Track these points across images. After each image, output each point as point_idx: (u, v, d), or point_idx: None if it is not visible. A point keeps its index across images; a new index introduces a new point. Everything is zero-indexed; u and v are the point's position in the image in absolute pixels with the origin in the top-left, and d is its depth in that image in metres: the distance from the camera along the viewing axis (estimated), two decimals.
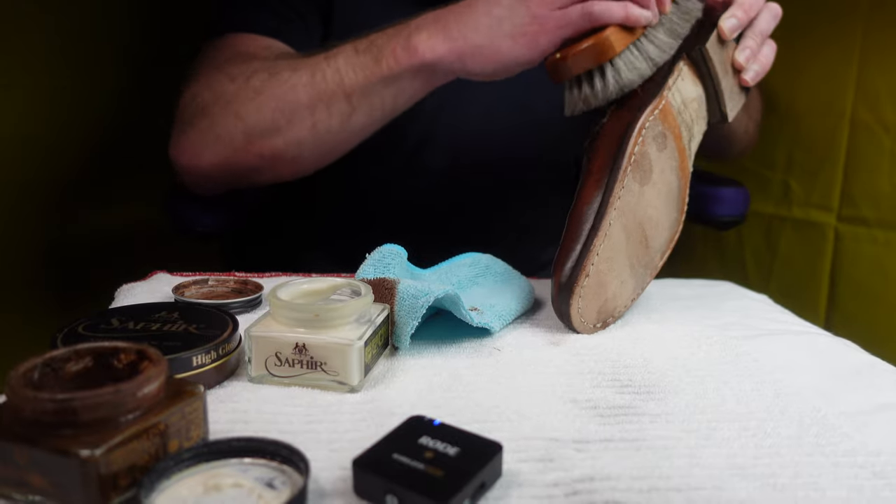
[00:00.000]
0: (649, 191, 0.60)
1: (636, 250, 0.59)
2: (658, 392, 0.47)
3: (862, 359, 0.55)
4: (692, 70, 0.65)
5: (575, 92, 0.64)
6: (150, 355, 0.36)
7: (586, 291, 0.56)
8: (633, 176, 0.58)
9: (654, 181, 0.60)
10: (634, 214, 0.59)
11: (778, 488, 0.36)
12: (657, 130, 0.60)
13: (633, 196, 0.58)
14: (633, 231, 0.59)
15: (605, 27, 0.60)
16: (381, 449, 0.35)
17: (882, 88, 0.87)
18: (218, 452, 0.35)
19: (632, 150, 0.58)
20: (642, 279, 0.61)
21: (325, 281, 0.50)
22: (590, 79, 0.62)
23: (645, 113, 0.59)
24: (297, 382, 0.45)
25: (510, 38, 0.61)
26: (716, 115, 0.67)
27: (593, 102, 0.63)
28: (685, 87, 0.64)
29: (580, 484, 0.36)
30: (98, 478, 0.30)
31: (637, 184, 0.58)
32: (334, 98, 0.66)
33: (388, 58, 0.64)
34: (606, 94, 0.62)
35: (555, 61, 0.62)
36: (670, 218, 0.62)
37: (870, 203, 0.89)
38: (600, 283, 0.57)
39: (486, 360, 0.51)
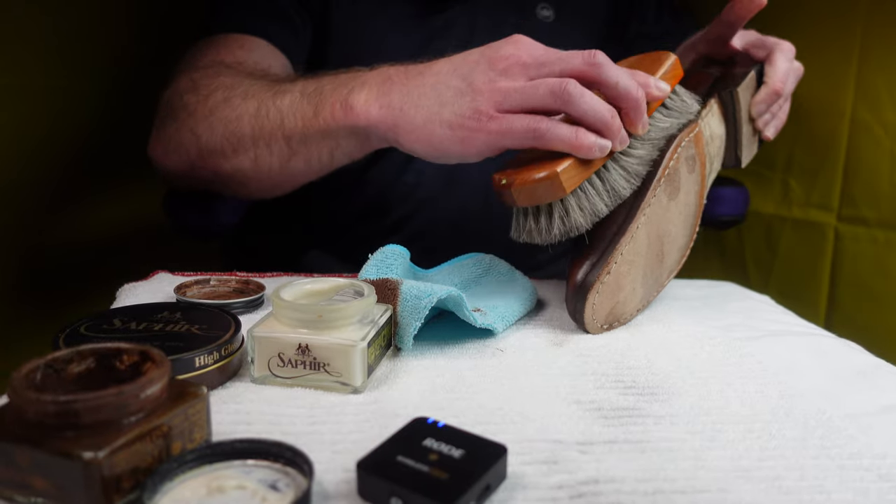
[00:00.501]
0: (674, 207, 0.60)
1: (652, 262, 0.60)
2: (662, 393, 0.47)
3: (866, 360, 0.55)
4: (720, 109, 0.65)
5: (521, 220, 0.57)
6: (153, 356, 0.36)
7: (604, 288, 0.55)
8: (664, 189, 0.58)
9: (679, 199, 0.60)
10: (658, 225, 0.59)
11: (783, 491, 0.36)
12: (690, 152, 0.60)
13: (661, 208, 0.58)
14: (654, 241, 0.59)
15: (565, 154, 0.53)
16: (385, 451, 0.35)
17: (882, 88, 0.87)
18: (221, 454, 0.34)
19: (668, 163, 0.58)
20: (650, 292, 0.61)
21: (328, 281, 0.50)
22: (536, 213, 0.56)
23: (683, 132, 0.59)
24: (300, 383, 0.44)
25: (447, 127, 0.55)
26: (731, 158, 0.68)
27: (536, 240, 0.56)
28: (713, 122, 0.65)
29: (585, 486, 0.36)
30: (101, 480, 0.30)
31: (666, 197, 0.58)
32: (273, 139, 0.64)
33: (326, 112, 0.61)
34: (550, 235, 0.55)
35: (499, 187, 0.55)
36: (684, 238, 0.63)
37: (870, 203, 0.89)
38: (618, 284, 0.57)
39: (490, 362, 0.51)
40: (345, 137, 0.62)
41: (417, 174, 0.83)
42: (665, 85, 0.56)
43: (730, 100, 0.65)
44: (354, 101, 0.59)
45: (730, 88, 0.64)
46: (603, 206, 0.56)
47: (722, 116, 0.66)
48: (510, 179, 0.54)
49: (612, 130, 0.53)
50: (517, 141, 0.54)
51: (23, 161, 0.82)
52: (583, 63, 0.53)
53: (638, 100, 0.54)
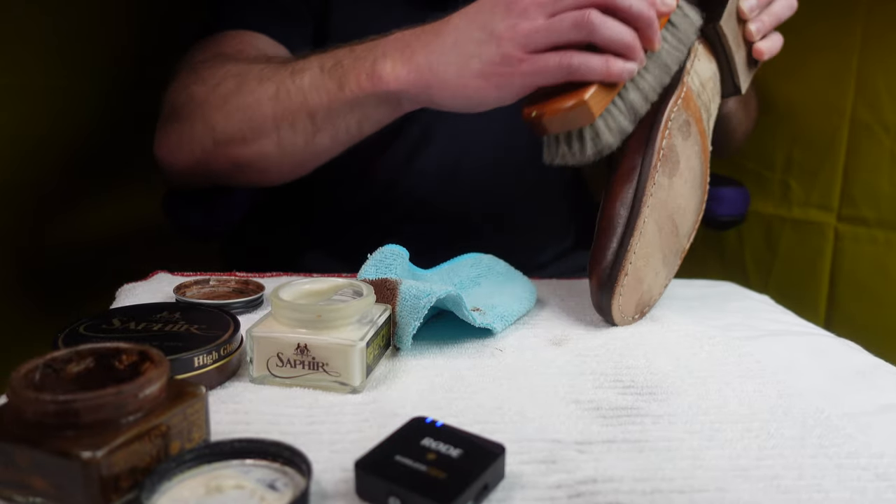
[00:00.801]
0: (677, 181, 0.60)
1: (668, 241, 0.60)
2: (660, 393, 0.47)
3: (864, 360, 0.55)
4: (706, 47, 0.64)
5: (553, 147, 0.60)
6: (152, 356, 0.36)
7: (626, 289, 0.57)
8: (663, 170, 0.59)
9: (681, 171, 0.60)
10: (666, 208, 0.59)
11: (782, 490, 0.36)
12: (681, 120, 0.60)
13: (664, 191, 0.59)
14: (665, 224, 0.60)
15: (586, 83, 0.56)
16: (384, 450, 0.35)
17: (882, 88, 0.87)
18: (220, 454, 0.34)
19: (660, 145, 0.58)
20: (673, 265, 0.62)
21: (327, 281, 0.50)
22: (567, 138, 0.58)
23: (669, 105, 0.59)
24: (299, 383, 0.44)
25: (480, 78, 0.57)
26: (729, 88, 0.67)
27: (570, 162, 0.59)
28: (701, 67, 0.64)
29: (583, 486, 0.36)
30: (100, 479, 0.30)
31: (666, 178, 0.59)
32: (297, 117, 0.64)
33: (352, 83, 0.61)
34: (584, 156, 0.58)
35: (530, 119, 0.58)
36: (695, 202, 0.63)
37: (870, 203, 0.89)
38: (638, 279, 0.58)
39: (489, 361, 0.51)
40: (374, 106, 0.63)
41: (418, 175, 0.83)
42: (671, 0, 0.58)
43: (715, 35, 0.63)
44: (381, 70, 0.60)
45: (713, 23, 0.63)
46: (627, 124, 0.59)
47: (710, 54, 0.65)
48: (541, 111, 0.57)
49: (635, 52, 0.55)
50: (550, 78, 0.56)
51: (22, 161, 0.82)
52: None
53: (651, 18, 0.55)
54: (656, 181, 0.58)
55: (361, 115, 0.64)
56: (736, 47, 0.65)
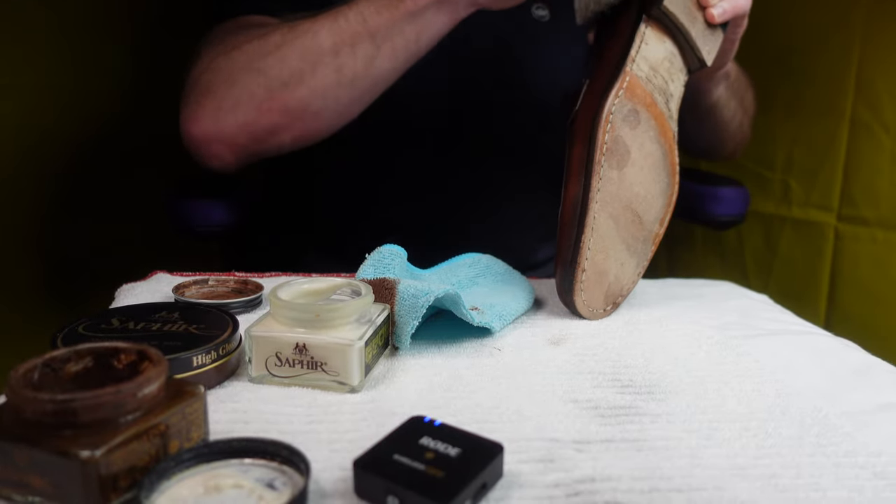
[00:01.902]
0: (630, 171, 0.60)
1: (629, 230, 0.61)
2: (659, 392, 0.47)
3: (862, 359, 0.55)
4: (656, 28, 0.63)
5: None
6: (151, 356, 0.36)
7: (587, 284, 0.58)
8: (609, 164, 0.59)
9: (633, 160, 0.60)
10: (619, 200, 0.60)
11: (779, 489, 0.36)
12: (626, 110, 0.60)
13: (614, 183, 0.59)
14: (621, 215, 0.60)
15: None
16: (382, 449, 0.35)
17: (882, 88, 0.87)
18: (218, 453, 0.34)
19: (601, 140, 0.58)
20: (643, 253, 0.62)
21: (326, 281, 0.50)
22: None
23: (609, 98, 0.59)
24: (298, 382, 0.45)
25: None
26: (693, 62, 0.65)
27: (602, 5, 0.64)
28: (651, 50, 0.63)
29: (581, 485, 0.36)
30: (98, 479, 0.30)
31: (615, 170, 0.59)
32: (358, 39, 0.66)
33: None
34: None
35: None
36: (661, 186, 0.62)
37: (870, 203, 0.89)
38: (599, 272, 0.59)
39: (487, 361, 0.51)
40: (433, 14, 0.66)
41: (421, 177, 0.83)
42: None
43: (662, 15, 0.63)
44: None
45: (656, 5, 0.62)
46: None
47: (663, 33, 0.64)
48: None
49: None
50: None
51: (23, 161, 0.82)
52: None
53: None
54: (602, 175, 0.58)
55: (421, 27, 0.67)
56: (690, 21, 0.63)
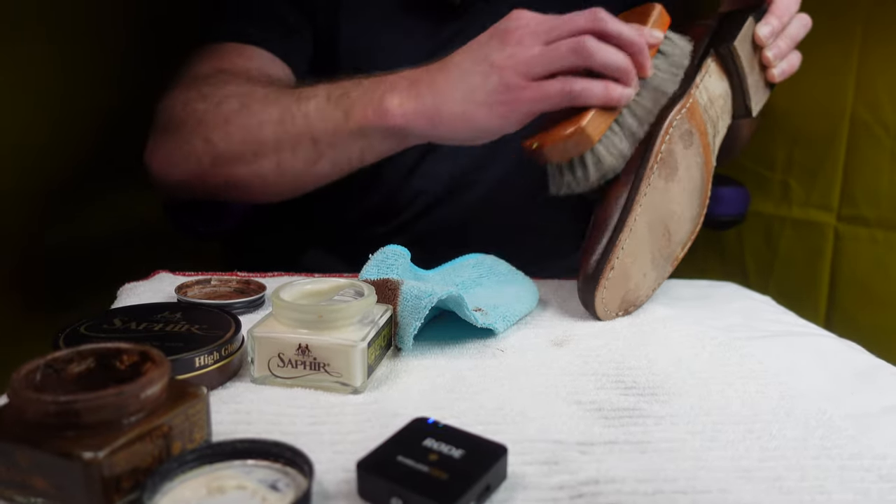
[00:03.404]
0: (674, 187, 0.61)
1: (659, 244, 0.61)
2: (662, 394, 0.46)
3: (866, 361, 0.55)
4: (719, 66, 0.65)
5: (557, 177, 0.61)
6: (153, 356, 0.36)
7: (611, 283, 0.59)
8: (660, 173, 0.60)
9: (679, 178, 0.61)
10: (659, 210, 0.61)
11: (784, 491, 0.36)
12: (684, 128, 0.61)
13: (659, 193, 0.60)
14: (657, 226, 0.61)
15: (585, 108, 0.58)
16: (386, 451, 0.35)
17: (882, 88, 0.87)
18: (221, 454, 0.34)
19: (659, 147, 0.60)
20: (663, 270, 0.63)
21: (328, 281, 0.50)
22: (570, 167, 0.60)
23: (673, 112, 0.61)
24: (300, 384, 0.44)
25: (484, 107, 0.59)
26: (740, 110, 0.68)
27: (576, 189, 0.61)
28: (712, 83, 0.65)
29: (585, 487, 0.36)
30: (101, 480, 0.30)
31: (663, 181, 0.60)
32: (300, 142, 0.65)
33: (358, 115, 0.62)
34: (588, 182, 0.60)
35: (531, 150, 0.60)
36: (692, 212, 0.64)
37: (870, 203, 0.89)
38: (624, 275, 0.59)
39: (490, 362, 0.51)
40: (379, 139, 0.64)
41: (424, 179, 0.83)
42: (657, 32, 0.60)
43: (728, 55, 0.64)
44: (389, 105, 0.61)
45: (727, 43, 0.64)
46: (627, 147, 0.60)
47: (723, 72, 0.66)
48: (541, 141, 0.59)
49: (630, 76, 0.58)
50: (553, 104, 0.57)
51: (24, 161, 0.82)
52: (587, 21, 0.57)
53: (641, 44, 0.58)
54: (651, 182, 0.59)
55: (365, 146, 0.65)
56: (749, 69, 0.66)
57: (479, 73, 0.58)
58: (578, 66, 0.57)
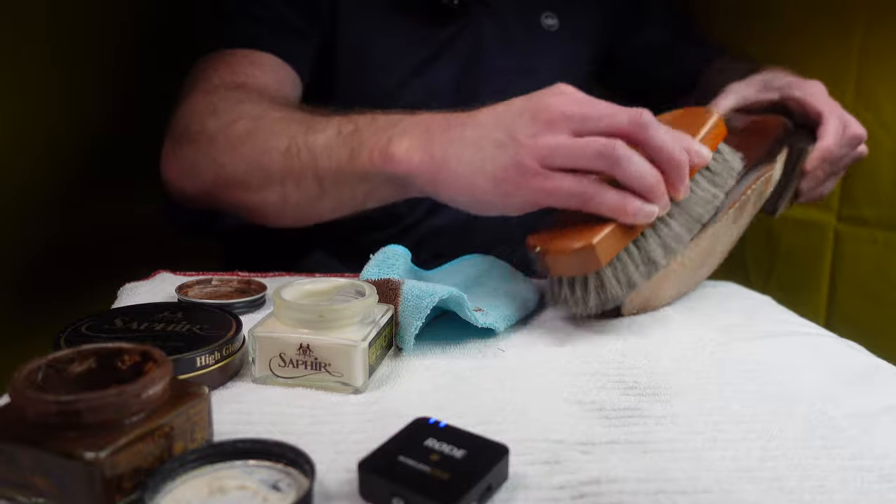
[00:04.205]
0: (731, 231, 0.62)
1: (695, 269, 0.62)
2: (663, 394, 0.47)
3: (867, 361, 0.55)
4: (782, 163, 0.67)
5: (556, 287, 0.56)
6: (155, 356, 0.36)
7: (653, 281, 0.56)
8: (735, 212, 0.61)
9: (737, 225, 0.63)
10: (715, 242, 0.61)
11: (785, 491, 0.36)
12: (760, 189, 0.63)
13: (726, 228, 0.61)
14: (705, 253, 0.61)
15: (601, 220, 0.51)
16: (387, 451, 0.35)
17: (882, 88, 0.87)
18: (223, 454, 0.34)
19: (746, 190, 0.61)
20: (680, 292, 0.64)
21: (329, 281, 0.50)
22: (571, 282, 0.54)
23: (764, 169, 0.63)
24: (301, 383, 0.44)
25: (489, 181, 0.53)
26: (770, 206, 0.70)
27: (574, 309, 0.55)
28: (777, 169, 0.67)
29: (586, 487, 0.36)
30: (103, 480, 0.30)
31: (732, 220, 0.61)
32: (304, 177, 0.62)
33: (364, 157, 0.59)
34: (586, 306, 0.54)
35: (533, 252, 0.54)
36: (719, 258, 0.65)
37: (870, 203, 0.89)
38: (665, 277, 0.58)
39: (491, 362, 0.51)
40: (381, 184, 0.60)
41: None
42: (707, 151, 0.54)
43: (798, 155, 0.67)
44: (395, 150, 0.57)
45: (803, 145, 0.66)
46: (639, 278, 0.53)
47: (782, 166, 0.67)
48: (545, 248, 0.53)
49: (657, 195, 0.51)
50: (562, 201, 0.52)
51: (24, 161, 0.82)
52: (629, 122, 0.51)
53: (681, 163, 0.52)
54: (729, 214, 0.60)
55: (368, 189, 0.61)
56: (798, 178, 0.69)
57: (496, 142, 0.53)
58: (601, 170, 0.51)
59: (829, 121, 0.69)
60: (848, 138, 0.71)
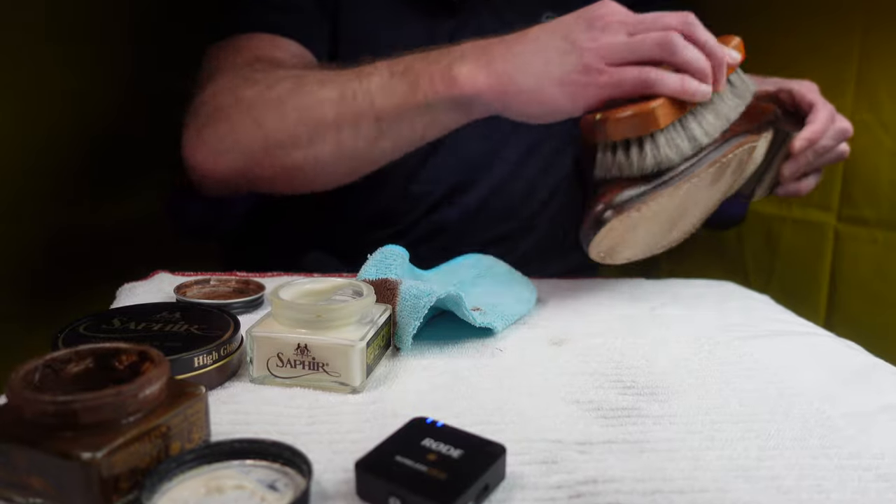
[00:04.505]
0: (706, 193, 0.62)
1: (665, 226, 0.61)
2: (661, 393, 0.47)
3: (865, 360, 0.55)
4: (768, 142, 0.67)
5: (608, 155, 0.59)
6: (152, 356, 0.36)
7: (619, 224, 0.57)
8: (714, 173, 0.60)
9: (713, 189, 0.62)
10: (689, 200, 0.61)
11: (783, 490, 0.36)
12: (742, 158, 0.63)
13: (702, 188, 0.61)
14: (678, 210, 0.61)
15: (655, 96, 0.56)
16: (384, 451, 0.35)
17: (882, 88, 0.87)
18: (220, 454, 0.34)
19: (727, 153, 0.60)
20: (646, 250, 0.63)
21: (327, 281, 0.50)
22: (626, 147, 0.58)
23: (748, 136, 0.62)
24: (299, 383, 0.44)
25: (557, 85, 0.57)
26: (747, 188, 0.70)
27: (626, 172, 0.58)
28: (761, 149, 0.66)
29: (583, 486, 0.36)
30: (99, 480, 0.30)
31: (709, 181, 0.61)
32: (363, 120, 0.63)
33: (426, 85, 0.60)
34: (642, 166, 0.58)
35: (593, 121, 0.58)
36: (691, 224, 0.64)
37: (870, 203, 0.88)
38: (633, 226, 0.58)
39: (489, 361, 0.51)
40: (445, 111, 0.61)
41: (426, 184, 0.83)
42: (737, 54, 0.60)
43: (782, 139, 0.67)
44: (458, 73, 0.59)
45: (788, 130, 0.67)
46: (686, 148, 0.58)
47: (767, 145, 0.67)
48: (606, 115, 0.57)
49: (708, 78, 0.57)
50: (627, 91, 0.56)
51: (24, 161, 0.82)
52: (679, 22, 0.56)
53: (722, 58, 0.57)
54: (707, 173, 0.59)
55: (430, 119, 0.62)
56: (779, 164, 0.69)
57: (558, 50, 0.57)
58: (662, 59, 0.56)
59: (820, 110, 0.72)
60: (836, 130, 0.73)
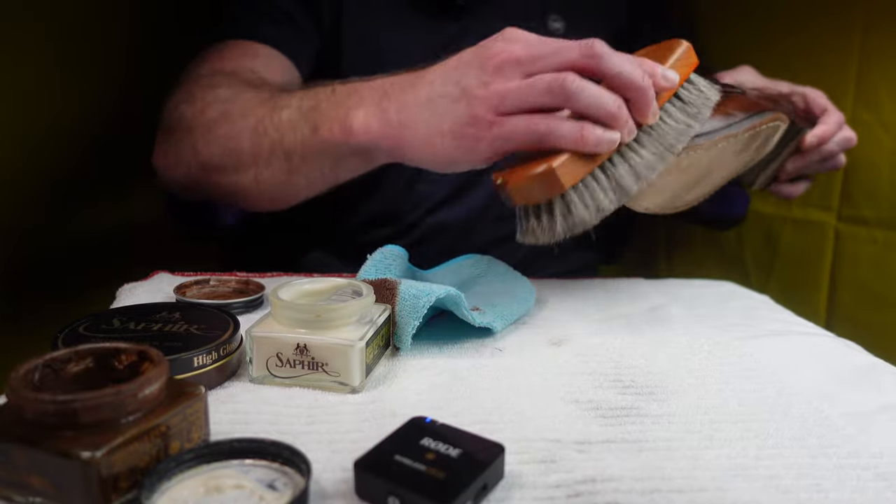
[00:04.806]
0: (731, 159, 0.61)
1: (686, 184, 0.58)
2: (660, 393, 0.47)
3: (864, 360, 0.55)
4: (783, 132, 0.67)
5: (523, 220, 0.54)
6: (152, 356, 0.36)
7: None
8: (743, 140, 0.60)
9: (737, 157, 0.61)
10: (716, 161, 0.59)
11: (781, 490, 0.36)
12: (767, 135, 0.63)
13: (730, 152, 0.60)
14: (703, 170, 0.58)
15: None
16: (383, 450, 0.35)
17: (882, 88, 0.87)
18: (219, 454, 0.34)
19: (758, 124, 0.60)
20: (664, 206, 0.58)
21: (327, 281, 0.50)
22: (537, 211, 0.53)
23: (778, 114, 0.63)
24: (299, 383, 0.45)
25: (449, 138, 0.53)
26: (750, 176, 0.70)
27: (541, 239, 0.53)
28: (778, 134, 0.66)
29: (582, 485, 0.36)
30: (99, 480, 0.30)
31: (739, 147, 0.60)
32: (273, 156, 0.62)
33: (325, 130, 0.58)
34: (553, 233, 0.52)
35: (496, 186, 0.54)
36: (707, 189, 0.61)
37: (870, 203, 0.88)
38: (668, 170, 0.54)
39: (488, 361, 0.51)
40: (347, 156, 0.60)
41: (427, 185, 0.83)
42: (673, 74, 0.52)
43: (794, 134, 0.67)
44: (353, 121, 0.57)
45: (802, 126, 0.68)
46: (608, 203, 0.52)
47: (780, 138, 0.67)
48: (506, 178, 0.52)
49: (619, 121, 0.50)
50: (521, 144, 0.51)
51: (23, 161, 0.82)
52: (580, 55, 0.50)
53: (644, 88, 0.50)
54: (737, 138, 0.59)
55: (334, 162, 0.61)
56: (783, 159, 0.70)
57: (449, 97, 0.52)
58: (555, 105, 0.50)
59: (832, 114, 0.73)
60: (842, 137, 0.74)
